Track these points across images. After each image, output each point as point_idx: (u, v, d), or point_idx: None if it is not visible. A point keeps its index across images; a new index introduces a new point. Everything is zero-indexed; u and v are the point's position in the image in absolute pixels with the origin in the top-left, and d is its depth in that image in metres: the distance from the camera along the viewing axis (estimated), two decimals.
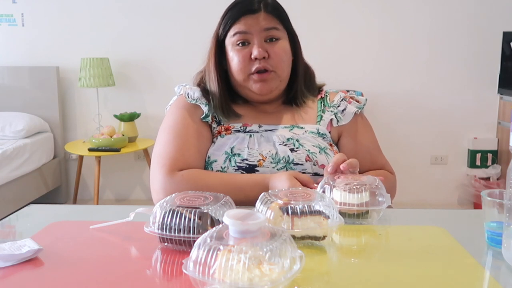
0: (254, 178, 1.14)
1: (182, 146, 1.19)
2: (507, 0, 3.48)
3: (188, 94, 1.27)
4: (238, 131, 1.24)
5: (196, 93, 1.27)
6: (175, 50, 3.63)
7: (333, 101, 1.32)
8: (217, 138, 1.24)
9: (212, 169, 1.19)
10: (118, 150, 3.30)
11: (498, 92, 3.54)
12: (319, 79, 1.39)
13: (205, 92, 1.28)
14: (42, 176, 3.47)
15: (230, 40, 1.24)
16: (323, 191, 0.95)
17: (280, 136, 1.23)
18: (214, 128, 1.26)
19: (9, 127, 3.35)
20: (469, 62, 3.57)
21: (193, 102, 1.26)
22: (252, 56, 1.21)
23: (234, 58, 1.23)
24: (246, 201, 1.04)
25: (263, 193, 0.86)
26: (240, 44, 1.22)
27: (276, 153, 1.20)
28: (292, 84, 1.30)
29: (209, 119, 1.25)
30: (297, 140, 1.22)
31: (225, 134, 1.24)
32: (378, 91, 3.57)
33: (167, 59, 3.65)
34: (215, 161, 1.20)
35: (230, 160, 1.19)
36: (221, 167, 1.18)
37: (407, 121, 3.64)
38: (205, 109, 1.25)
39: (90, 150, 3.31)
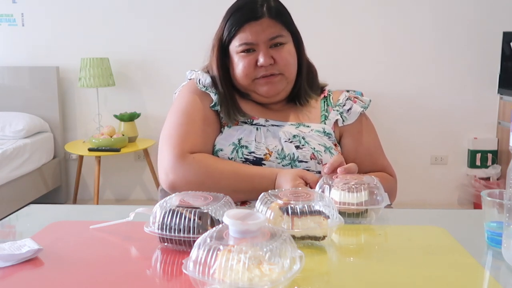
0: (264, 171, 1.15)
1: (192, 129, 1.19)
2: (507, 0, 3.48)
3: (199, 80, 1.27)
4: (245, 122, 1.25)
5: (207, 80, 1.27)
6: (175, 50, 3.63)
7: (338, 100, 1.32)
8: (224, 128, 1.24)
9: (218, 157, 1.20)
10: (118, 150, 3.30)
11: (498, 92, 3.53)
12: (319, 79, 1.39)
13: (214, 81, 1.28)
14: (42, 176, 3.47)
15: (235, 49, 1.23)
16: (322, 191, 0.95)
17: (286, 132, 1.23)
18: (222, 118, 1.26)
19: (9, 127, 3.35)
20: (469, 62, 3.57)
21: (203, 89, 1.26)
22: (258, 64, 1.21)
23: (239, 64, 1.23)
24: (253, 191, 1.04)
25: (262, 193, 0.86)
26: (245, 51, 1.22)
27: (282, 149, 1.20)
28: (295, 83, 1.30)
29: (218, 108, 1.25)
30: (303, 138, 1.22)
31: (232, 125, 1.24)
32: (378, 91, 3.57)
33: (167, 59, 3.64)
34: (221, 150, 1.20)
35: (237, 152, 1.19)
36: (229, 158, 1.19)
37: (407, 121, 3.64)
38: (214, 97, 1.25)
39: (90, 150, 3.31)
